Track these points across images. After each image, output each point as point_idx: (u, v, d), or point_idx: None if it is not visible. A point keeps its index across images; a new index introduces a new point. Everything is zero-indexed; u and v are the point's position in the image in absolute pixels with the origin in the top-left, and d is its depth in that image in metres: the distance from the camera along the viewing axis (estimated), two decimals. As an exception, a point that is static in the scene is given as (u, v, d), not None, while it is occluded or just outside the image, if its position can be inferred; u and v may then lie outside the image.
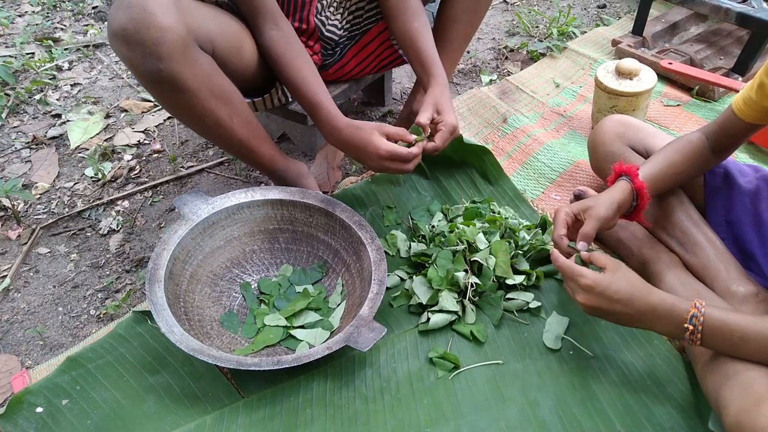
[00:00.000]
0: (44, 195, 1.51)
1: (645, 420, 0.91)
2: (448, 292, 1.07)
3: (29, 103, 1.84)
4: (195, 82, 0.98)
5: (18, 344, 1.15)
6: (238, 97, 1.10)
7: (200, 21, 1.00)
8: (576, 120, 1.66)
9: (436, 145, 1.12)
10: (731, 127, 1.01)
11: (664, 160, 1.05)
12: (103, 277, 1.28)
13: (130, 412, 0.95)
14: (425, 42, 1.21)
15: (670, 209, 1.11)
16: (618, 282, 0.84)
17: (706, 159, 1.06)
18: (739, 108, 0.97)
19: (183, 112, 1.05)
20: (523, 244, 1.15)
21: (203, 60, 1.00)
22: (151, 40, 0.90)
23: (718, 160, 1.07)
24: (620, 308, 0.84)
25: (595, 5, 2.36)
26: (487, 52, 2.06)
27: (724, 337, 0.81)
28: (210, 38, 1.02)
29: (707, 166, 1.08)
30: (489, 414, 0.93)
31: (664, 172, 1.04)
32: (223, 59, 1.06)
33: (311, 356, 0.92)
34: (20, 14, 2.36)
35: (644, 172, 1.03)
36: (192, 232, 1.08)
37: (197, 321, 1.04)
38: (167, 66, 0.93)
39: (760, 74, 0.92)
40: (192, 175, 1.55)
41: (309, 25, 1.26)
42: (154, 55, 0.91)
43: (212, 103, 1.03)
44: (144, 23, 0.89)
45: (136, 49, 0.91)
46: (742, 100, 0.97)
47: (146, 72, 0.94)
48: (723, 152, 1.06)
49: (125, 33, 0.90)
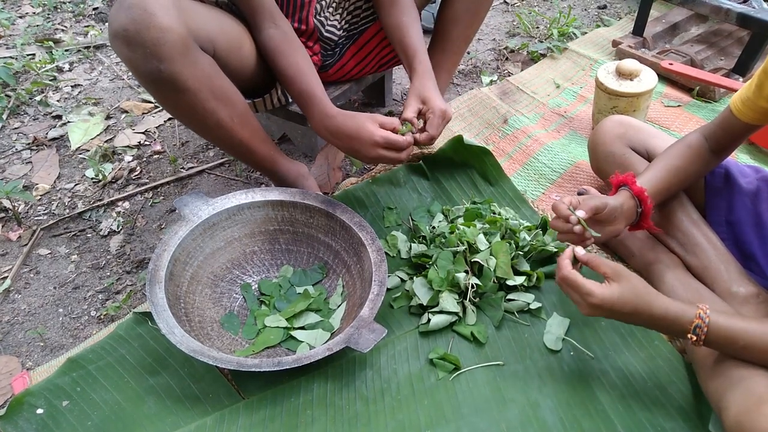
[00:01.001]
0: (45, 196, 1.51)
1: (646, 421, 0.91)
2: (448, 293, 1.07)
3: (30, 104, 1.84)
4: (195, 83, 0.98)
5: (19, 345, 1.15)
6: (239, 97, 1.10)
7: (201, 21, 1.00)
8: (576, 121, 1.66)
9: (430, 133, 1.09)
10: (730, 127, 1.00)
11: (664, 166, 1.04)
12: (103, 278, 1.28)
13: (131, 414, 0.95)
14: (411, 36, 1.19)
15: (670, 210, 1.11)
16: (624, 296, 0.83)
17: (707, 160, 1.05)
18: (737, 108, 0.97)
19: (184, 113, 1.05)
20: (524, 245, 1.15)
21: (204, 60, 1.00)
22: (152, 41, 0.90)
23: (718, 161, 1.07)
24: (625, 318, 0.84)
25: (595, 6, 2.36)
26: (488, 52, 2.06)
27: (727, 343, 0.81)
28: (210, 39, 1.02)
29: (708, 167, 1.08)
30: (489, 415, 0.93)
31: (666, 179, 1.03)
32: (223, 60, 1.06)
33: (312, 357, 0.92)
34: (21, 15, 2.36)
35: (645, 179, 1.02)
36: (192, 233, 1.08)
37: (198, 322, 1.04)
38: (168, 66, 0.93)
39: (759, 74, 0.91)
40: (192, 176, 1.55)
41: (308, 26, 1.27)
42: (154, 56, 0.91)
43: (213, 103, 1.03)
44: (144, 24, 0.89)
45: (136, 50, 0.91)
46: (740, 100, 0.96)
47: (147, 72, 0.94)
48: (722, 152, 1.06)
49: (126, 33, 0.90)
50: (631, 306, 0.82)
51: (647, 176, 1.03)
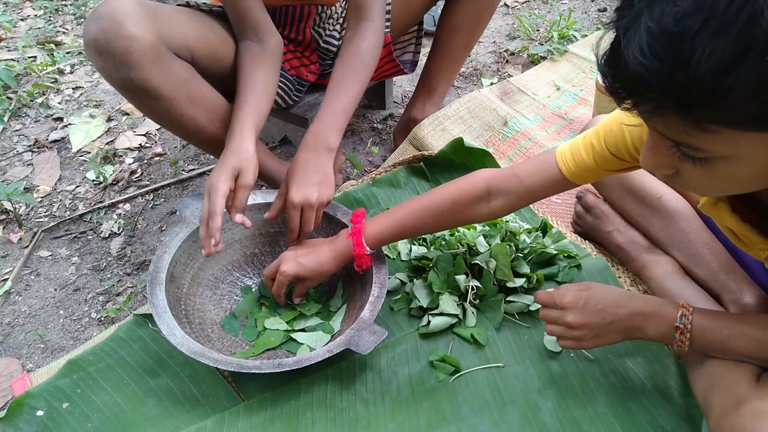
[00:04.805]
0: (46, 198, 1.51)
1: (647, 423, 0.91)
2: (448, 295, 1.07)
3: (31, 106, 1.85)
4: (169, 89, 0.99)
5: (19, 347, 1.16)
6: (220, 101, 1.10)
7: (176, 28, 1.01)
8: (577, 123, 1.66)
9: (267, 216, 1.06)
10: (555, 184, 0.93)
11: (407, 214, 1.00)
12: (104, 280, 1.28)
13: (131, 416, 0.95)
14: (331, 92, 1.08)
15: (671, 219, 1.09)
16: (597, 293, 0.84)
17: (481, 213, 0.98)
18: (568, 170, 0.89)
19: (163, 119, 1.07)
20: (524, 247, 1.15)
21: (178, 66, 1.00)
22: (121, 50, 0.92)
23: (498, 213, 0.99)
24: (610, 317, 0.83)
25: (595, 9, 2.36)
26: (488, 55, 2.06)
27: (714, 334, 0.79)
28: (187, 45, 1.03)
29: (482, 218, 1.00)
30: (490, 417, 0.93)
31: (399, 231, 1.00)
32: (204, 65, 1.07)
33: (312, 359, 0.92)
34: (22, 18, 2.37)
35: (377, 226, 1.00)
36: (193, 235, 1.08)
37: (198, 324, 1.05)
38: (137, 74, 0.95)
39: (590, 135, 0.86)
40: (193, 178, 1.55)
41: (305, 37, 1.27)
42: (124, 64, 0.93)
43: (191, 109, 1.04)
44: (113, 33, 0.91)
45: (107, 59, 0.93)
46: (574, 163, 0.88)
47: (119, 80, 0.96)
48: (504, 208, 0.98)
49: (96, 43, 0.92)
50: (610, 300, 0.83)
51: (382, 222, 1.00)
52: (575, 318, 0.84)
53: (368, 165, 1.58)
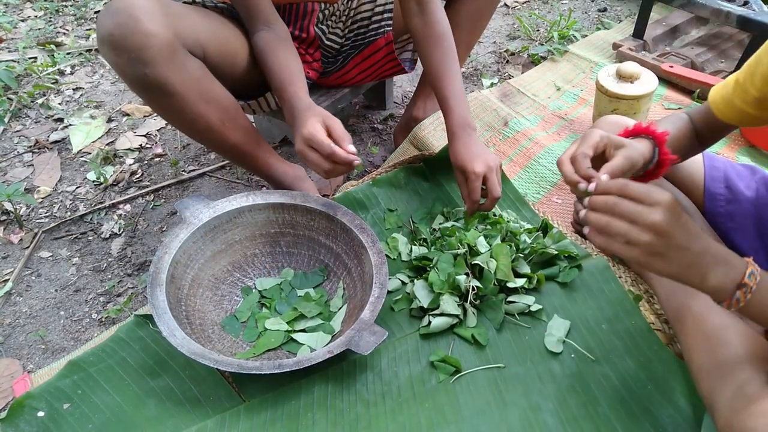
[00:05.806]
0: (46, 199, 1.51)
1: (648, 424, 0.91)
2: (449, 295, 1.07)
3: (32, 107, 1.85)
4: (183, 87, 0.99)
5: (20, 348, 1.16)
6: (231, 100, 1.10)
7: (189, 25, 1.01)
8: (577, 123, 1.66)
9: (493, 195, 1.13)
10: (710, 123, 0.98)
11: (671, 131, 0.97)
12: (104, 280, 1.28)
13: (132, 416, 0.95)
14: (447, 88, 1.18)
15: None
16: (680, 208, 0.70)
17: (694, 143, 1.03)
18: (718, 108, 0.95)
19: (173, 117, 1.06)
20: (525, 248, 1.15)
21: (192, 64, 1.00)
22: (137, 46, 0.91)
23: (700, 148, 1.05)
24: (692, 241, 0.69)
25: (595, 9, 2.36)
26: (488, 55, 2.06)
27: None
28: (200, 43, 1.03)
29: (693, 151, 1.05)
30: (490, 418, 0.93)
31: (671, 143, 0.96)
32: (214, 63, 1.07)
33: (313, 360, 0.92)
34: (23, 19, 2.37)
35: None
36: (193, 236, 1.08)
37: (198, 325, 1.05)
38: (153, 70, 0.94)
39: (744, 77, 0.89)
40: (193, 178, 1.55)
41: (309, 34, 1.27)
42: (140, 60, 0.92)
43: (202, 107, 1.04)
44: (129, 29, 0.90)
45: (122, 55, 0.92)
46: (722, 101, 0.94)
47: (133, 77, 0.95)
48: (703, 144, 1.03)
49: (112, 39, 0.91)
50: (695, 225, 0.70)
51: None
52: (664, 219, 0.67)
53: (368, 165, 1.58)
